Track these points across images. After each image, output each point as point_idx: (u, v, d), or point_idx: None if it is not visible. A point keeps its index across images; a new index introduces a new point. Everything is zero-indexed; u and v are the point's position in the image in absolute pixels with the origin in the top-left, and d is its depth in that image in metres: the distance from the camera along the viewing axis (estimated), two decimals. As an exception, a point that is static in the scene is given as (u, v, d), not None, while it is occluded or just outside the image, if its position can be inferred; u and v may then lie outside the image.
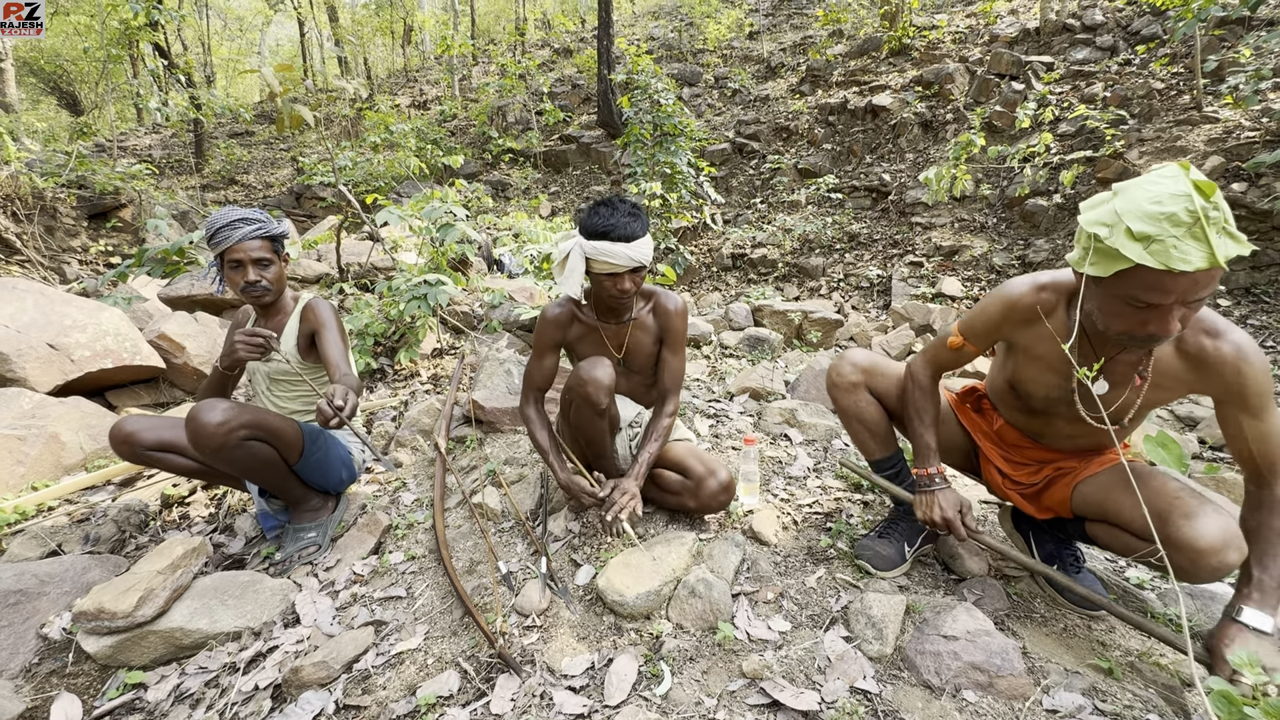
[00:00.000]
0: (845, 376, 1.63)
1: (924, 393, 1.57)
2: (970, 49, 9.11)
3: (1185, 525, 1.17)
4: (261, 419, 1.84)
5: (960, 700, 1.28)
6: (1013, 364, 1.46)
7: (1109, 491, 1.36)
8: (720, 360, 3.96)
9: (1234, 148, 5.45)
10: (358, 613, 1.75)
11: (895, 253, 7.13)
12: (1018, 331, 1.38)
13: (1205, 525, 1.16)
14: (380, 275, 4.49)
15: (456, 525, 2.12)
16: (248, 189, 12.58)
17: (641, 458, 1.84)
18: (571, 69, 14.93)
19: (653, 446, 1.86)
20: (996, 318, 1.39)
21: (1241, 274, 5.08)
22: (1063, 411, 1.42)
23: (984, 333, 1.43)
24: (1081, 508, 1.43)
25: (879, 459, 1.71)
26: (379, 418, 3.07)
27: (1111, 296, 1.11)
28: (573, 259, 1.73)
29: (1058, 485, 1.50)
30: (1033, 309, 1.33)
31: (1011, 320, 1.37)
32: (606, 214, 1.69)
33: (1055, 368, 1.35)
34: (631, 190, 6.92)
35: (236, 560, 2.12)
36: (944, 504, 1.48)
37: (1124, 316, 1.11)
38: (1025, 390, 1.45)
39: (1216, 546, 1.14)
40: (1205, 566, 1.15)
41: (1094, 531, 1.43)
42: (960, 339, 1.46)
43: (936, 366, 1.57)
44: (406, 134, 9.55)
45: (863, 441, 1.70)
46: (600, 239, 1.68)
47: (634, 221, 1.69)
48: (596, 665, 1.44)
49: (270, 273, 1.99)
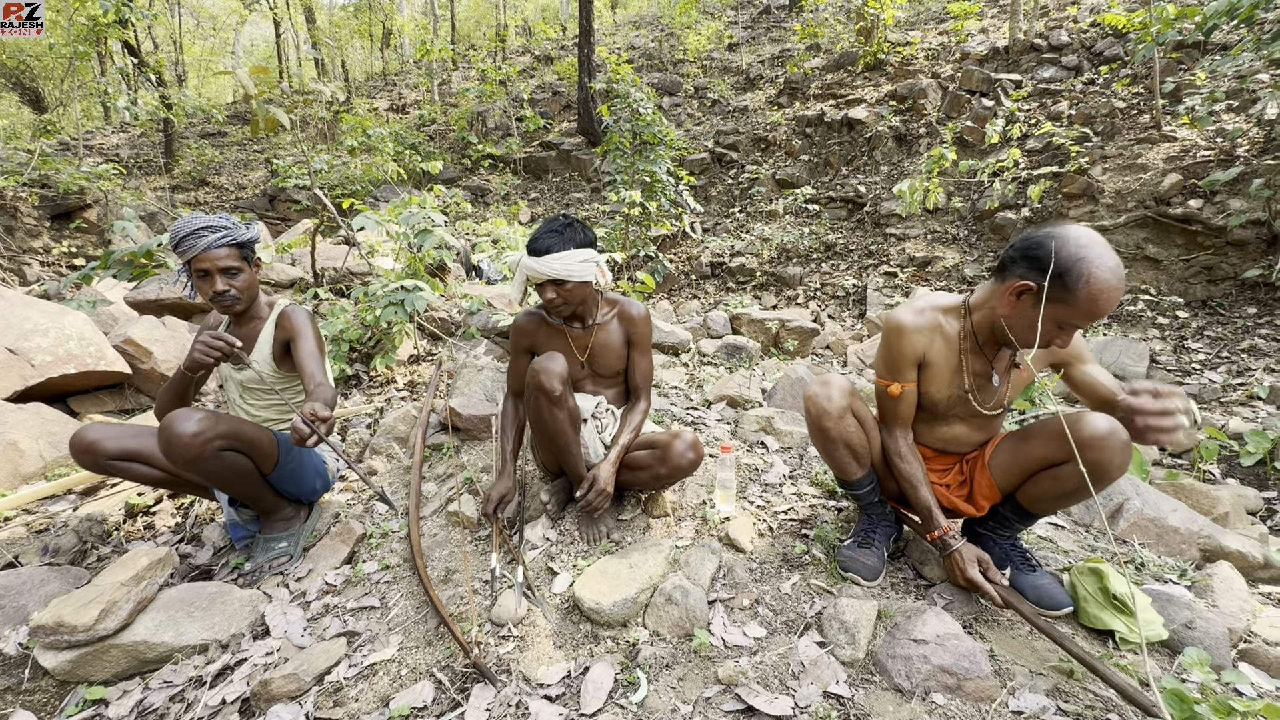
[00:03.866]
0: (836, 404, 1.62)
1: (908, 458, 1.64)
2: (942, 65, 9.35)
3: (1083, 425, 1.40)
4: (237, 429, 1.80)
5: (929, 703, 1.31)
6: (921, 380, 1.62)
7: (1016, 450, 1.59)
8: (698, 368, 3.99)
9: (1191, 166, 5.68)
10: (330, 623, 1.73)
11: (870, 263, 7.26)
12: (924, 349, 1.56)
13: (1097, 420, 1.40)
14: (356, 280, 4.44)
15: (432, 534, 2.11)
16: (219, 191, 12.32)
17: (619, 440, 1.92)
18: (552, 76, 14.96)
19: (626, 436, 1.94)
20: (907, 348, 1.56)
21: (1199, 287, 5.28)
22: (959, 411, 1.63)
23: (904, 364, 1.58)
24: (1004, 478, 1.62)
25: (858, 478, 1.72)
26: (354, 425, 3.03)
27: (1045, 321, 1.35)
28: (519, 269, 1.90)
29: (977, 474, 1.69)
30: (932, 325, 1.55)
31: (917, 344, 1.56)
32: (539, 231, 1.85)
33: (952, 370, 1.58)
34: (611, 198, 6.94)
35: (204, 571, 2.07)
36: (966, 562, 1.54)
37: (1046, 334, 1.36)
38: (931, 399, 1.62)
39: (1108, 429, 1.38)
40: (1113, 448, 1.37)
41: (1026, 496, 1.59)
42: (896, 384, 1.60)
43: (903, 424, 1.66)
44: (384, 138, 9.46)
45: (845, 464, 1.69)
46: (529, 254, 1.85)
47: (554, 237, 1.83)
48: (573, 674, 1.44)
49: (240, 281, 1.95)
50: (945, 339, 1.56)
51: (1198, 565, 1.94)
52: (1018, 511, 1.64)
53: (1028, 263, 1.35)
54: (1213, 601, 1.66)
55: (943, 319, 1.56)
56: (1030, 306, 1.36)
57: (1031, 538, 2.02)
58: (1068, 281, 1.27)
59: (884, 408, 1.66)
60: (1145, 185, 5.80)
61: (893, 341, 1.56)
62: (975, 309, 1.53)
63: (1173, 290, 5.36)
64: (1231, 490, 2.86)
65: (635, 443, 1.99)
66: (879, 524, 1.80)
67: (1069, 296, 1.28)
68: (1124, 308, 5.37)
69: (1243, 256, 5.13)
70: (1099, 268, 1.24)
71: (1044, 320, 1.34)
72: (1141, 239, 5.65)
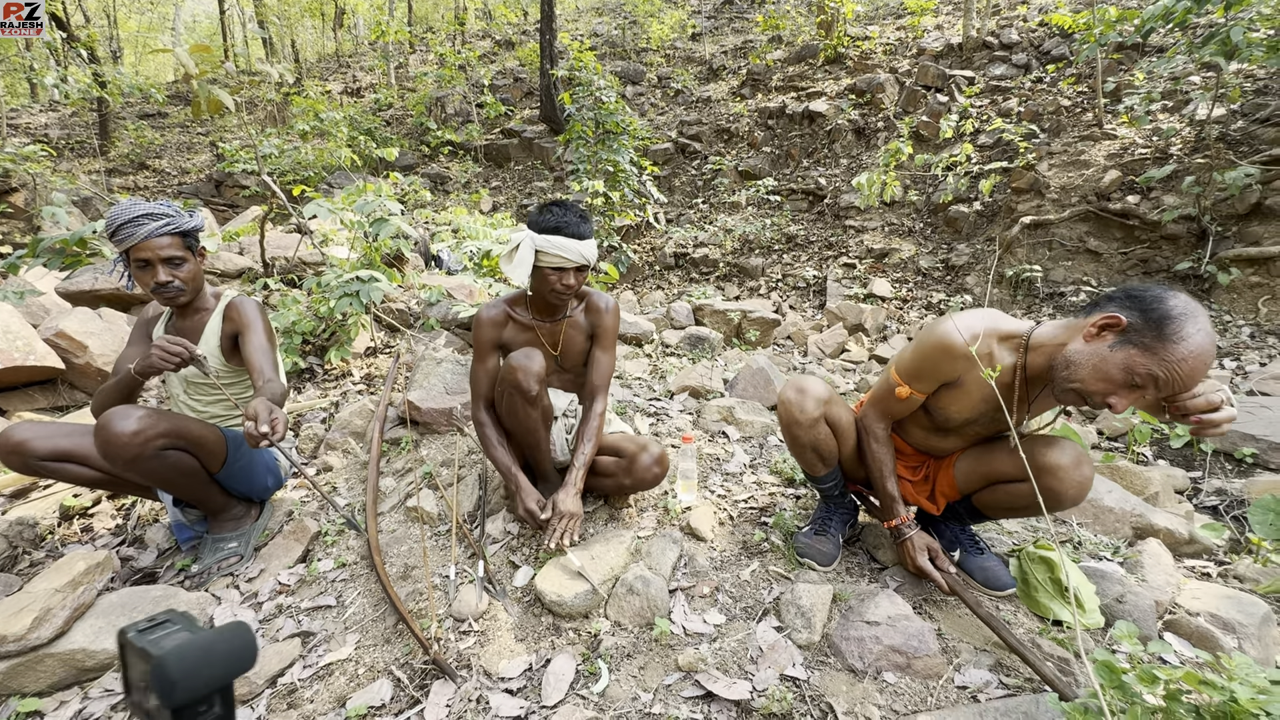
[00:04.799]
0: (809, 413, 1.62)
1: (883, 445, 1.65)
2: (900, 60, 9.54)
3: (1048, 452, 1.42)
4: (181, 427, 1.73)
5: (881, 682, 1.36)
6: (943, 394, 1.53)
7: (981, 459, 1.60)
8: (661, 359, 4.00)
9: (1129, 163, 5.95)
10: (283, 624, 1.68)
11: (830, 254, 7.40)
12: (959, 373, 1.46)
13: (1062, 449, 1.43)
14: (309, 270, 4.29)
15: (391, 530, 2.07)
16: (161, 175, 11.72)
17: (577, 461, 1.84)
18: (513, 62, 14.67)
19: (586, 448, 1.86)
20: (942, 364, 1.44)
21: (1135, 279, 5.56)
22: (966, 430, 1.59)
23: (930, 378, 1.49)
24: (965, 482, 1.65)
25: (823, 474, 1.76)
26: (308, 420, 2.94)
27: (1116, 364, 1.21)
28: (523, 250, 1.76)
29: (941, 474, 1.71)
30: (985, 355, 1.41)
31: (957, 367, 1.44)
32: (560, 212, 1.76)
33: (983, 398, 1.47)
34: (574, 187, 6.88)
35: (148, 574, 1.99)
36: (917, 551, 1.58)
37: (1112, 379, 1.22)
38: (945, 415, 1.55)
39: (1075, 461, 1.41)
40: (1070, 481, 1.39)
41: (981, 501, 1.63)
42: (907, 388, 1.52)
43: (890, 418, 1.65)
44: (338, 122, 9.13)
45: (811, 464, 1.72)
46: (554, 234, 1.74)
47: (584, 223, 1.78)
48: (534, 666, 1.45)
49: (184, 271, 1.85)
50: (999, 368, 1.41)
51: (1130, 542, 2.05)
52: (971, 511, 1.71)
53: (1129, 301, 1.22)
54: (1142, 576, 1.77)
55: (996, 348, 1.41)
56: (1108, 346, 1.22)
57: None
58: (1165, 331, 1.14)
59: (882, 397, 1.62)
60: (1088, 181, 6.05)
61: (931, 354, 1.44)
62: (1036, 347, 1.38)
63: (1112, 282, 5.62)
64: (1162, 471, 3.03)
65: (602, 447, 1.96)
66: (836, 512, 1.84)
67: (1158, 346, 1.15)
68: (1066, 298, 5.61)
69: (1175, 250, 5.41)
70: (1202, 333, 1.14)
71: (1115, 363, 1.20)
72: (1084, 232, 5.90)
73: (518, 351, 1.76)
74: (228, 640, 0.82)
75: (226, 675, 0.81)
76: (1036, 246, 6.07)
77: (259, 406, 1.53)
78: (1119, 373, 1.20)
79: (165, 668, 0.74)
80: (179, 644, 0.78)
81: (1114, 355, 1.21)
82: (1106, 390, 1.23)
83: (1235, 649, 1.50)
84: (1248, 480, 2.94)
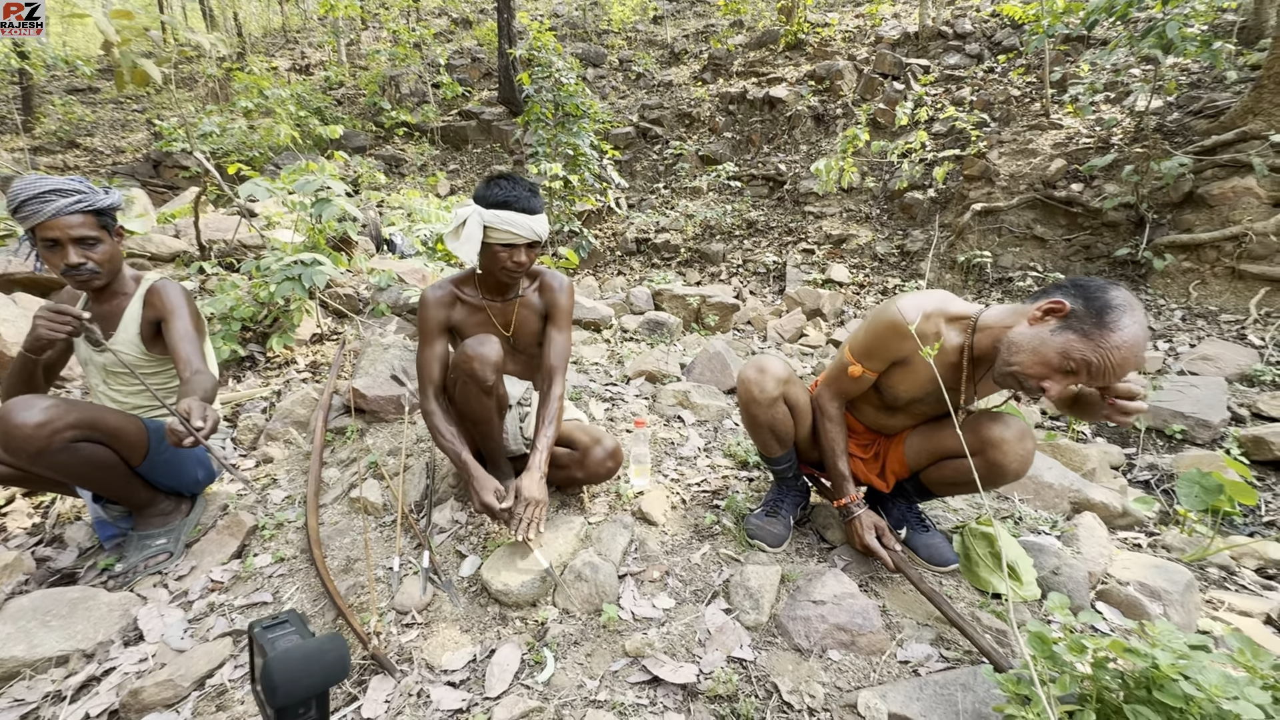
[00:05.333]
0: (768, 392, 1.61)
1: (836, 425, 1.66)
2: (858, 48, 9.62)
3: (993, 427, 1.47)
4: (94, 417, 1.61)
5: (826, 660, 1.37)
6: (894, 373, 1.56)
7: (929, 436, 1.64)
8: (620, 344, 3.97)
9: (1074, 152, 6.15)
10: (214, 623, 1.60)
11: (790, 240, 7.46)
12: (909, 352, 1.48)
13: (1007, 424, 1.47)
14: (250, 254, 4.09)
15: (334, 522, 1.99)
16: (93, 154, 11.01)
17: (540, 445, 1.75)
18: (471, 41, 14.26)
19: (549, 430, 1.78)
20: (892, 342, 1.46)
21: (1078, 265, 5.76)
22: (914, 408, 1.63)
23: (881, 356, 1.51)
24: (915, 459, 1.68)
25: (777, 456, 1.76)
26: (247, 410, 2.81)
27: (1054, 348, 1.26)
28: (470, 226, 1.68)
29: (891, 451, 1.74)
30: (933, 333, 1.43)
31: (906, 345, 1.46)
32: (508, 186, 1.69)
33: (929, 378, 1.50)
34: (532, 170, 6.74)
35: (67, 575, 1.87)
36: (865, 529, 1.59)
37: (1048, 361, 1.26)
38: (894, 393, 1.59)
39: (1018, 435, 1.46)
40: (1014, 454, 1.44)
41: (929, 478, 1.66)
42: (860, 367, 1.54)
43: (844, 397, 1.67)
44: (284, 100, 8.72)
45: (767, 444, 1.72)
46: (502, 209, 1.66)
47: (534, 197, 1.71)
48: (479, 657, 1.41)
49: (98, 253, 1.72)
50: (941, 349, 1.46)
51: (1068, 516, 2.13)
52: (919, 489, 1.73)
53: (1075, 290, 1.26)
54: (1078, 549, 1.83)
55: (945, 328, 1.44)
56: (1050, 330, 1.26)
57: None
58: (1105, 319, 1.19)
59: (836, 376, 1.64)
60: (1035, 169, 6.23)
61: (881, 332, 1.47)
62: (983, 329, 1.41)
63: (1056, 267, 5.82)
64: (1099, 448, 3.16)
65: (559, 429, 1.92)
66: (788, 494, 1.85)
67: (1096, 334, 1.20)
68: (1014, 283, 5.79)
69: (1115, 236, 5.63)
70: (1137, 325, 1.19)
71: (1053, 347, 1.24)
72: (1031, 219, 6.08)
73: (472, 338, 1.68)
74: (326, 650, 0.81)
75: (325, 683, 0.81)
76: (987, 233, 6.23)
77: (191, 404, 1.42)
78: (1056, 357, 1.24)
79: (271, 672, 0.76)
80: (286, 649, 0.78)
81: (1054, 339, 1.25)
82: (1042, 374, 1.27)
83: (1160, 615, 1.56)
84: (1177, 455, 3.09)
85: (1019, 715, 0.98)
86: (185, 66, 13.70)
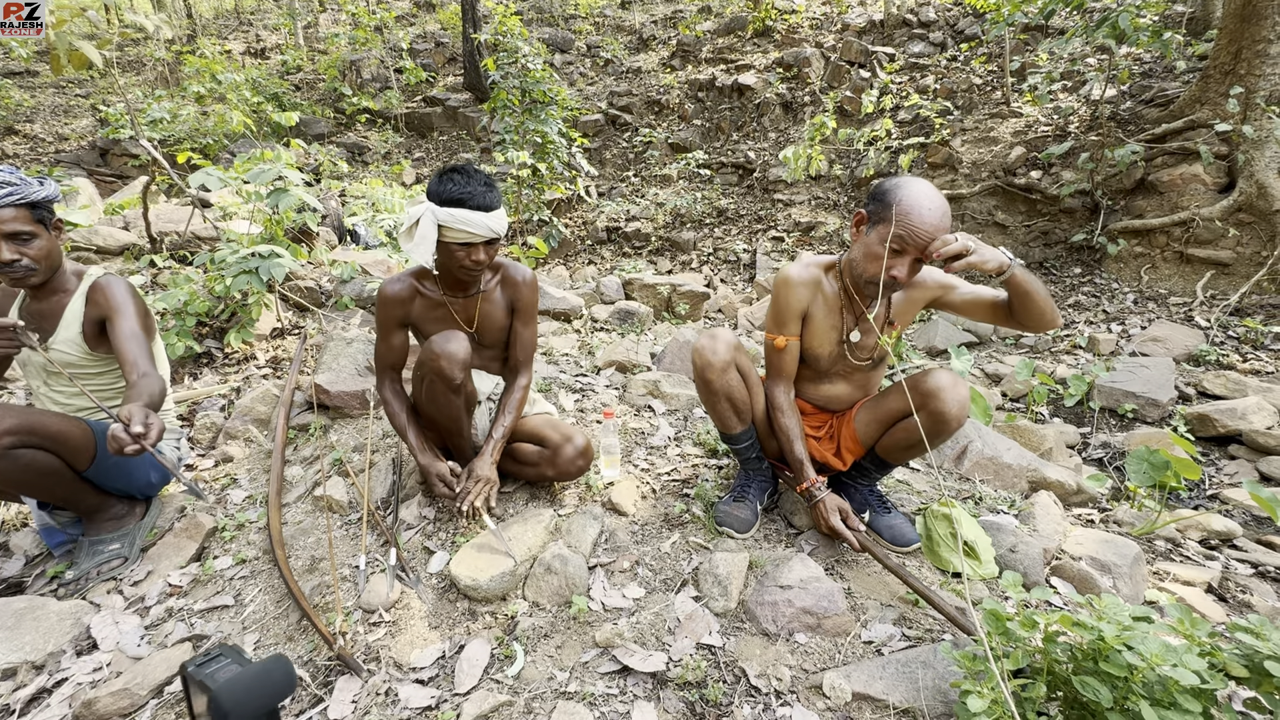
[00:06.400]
0: (720, 356, 1.65)
1: (787, 412, 1.72)
2: (825, 35, 9.66)
3: (927, 379, 1.57)
4: (34, 421, 1.54)
5: (793, 643, 1.40)
6: (804, 335, 1.71)
7: (877, 404, 1.74)
8: (590, 334, 3.95)
9: (1033, 140, 6.29)
10: (173, 629, 1.56)
11: (760, 228, 7.50)
12: (806, 301, 1.67)
13: (940, 375, 1.57)
14: (204, 246, 3.95)
15: (297, 521, 1.95)
16: (33, 141, 10.46)
17: (495, 433, 1.78)
18: (434, 25, 13.90)
19: (506, 419, 1.82)
20: (793, 301, 1.66)
21: (1037, 250, 5.92)
22: (839, 367, 1.76)
23: (791, 319, 1.68)
24: (865, 432, 1.76)
25: (738, 433, 1.77)
26: (204, 408, 2.72)
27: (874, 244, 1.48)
28: (424, 226, 1.63)
29: (844, 428, 1.82)
30: (815, 280, 1.66)
31: (801, 297, 1.66)
32: (462, 181, 1.62)
33: (830, 326, 1.69)
34: (499, 159, 6.63)
35: (14, 584, 1.79)
36: (829, 512, 1.62)
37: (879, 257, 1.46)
38: (813, 354, 1.73)
39: (951, 382, 1.55)
40: (952, 399, 1.52)
41: (884, 445, 1.71)
42: (783, 338, 1.69)
43: (785, 378, 1.74)
44: (238, 85, 8.39)
45: (726, 418, 1.74)
46: (456, 206, 1.61)
47: (490, 192, 1.65)
48: (448, 654, 1.40)
49: (33, 249, 1.63)
50: (824, 295, 1.67)
51: (1025, 495, 2.20)
52: (876, 462, 1.77)
53: (868, 200, 1.52)
54: (1034, 527, 1.89)
55: (823, 276, 1.67)
56: (864, 234, 1.52)
57: (890, 480, 2.19)
58: (886, 200, 1.44)
59: (770, 361, 1.75)
60: (996, 157, 6.37)
61: (780, 294, 1.67)
62: (845, 265, 1.64)
63: (1016, 253, 5.97)
64: (1055, 428, 3.27)
65: (524, 433, 1.91)
66: (755, 479, 1.87)
67: (886, 213, 1.43)
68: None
69: (1071, 223, 5.80)
70: (910, 190, 1.42)
71: (873, 243, 1.47)
72: (992, 206, 6.22)
73: (438, 335, 1.64)
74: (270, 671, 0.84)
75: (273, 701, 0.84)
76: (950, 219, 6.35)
77: (133, 410, 1.35)
78: (879, 246, 1.46)
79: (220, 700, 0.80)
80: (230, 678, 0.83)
81: (870, 238, 1.50)
82: (880, 267, 1.46)
83: (1110, 588, 1.63)
84: (1128, 434, 3.21)
85: (975, 689, 1.02)
86: (131, 49, 13.08)
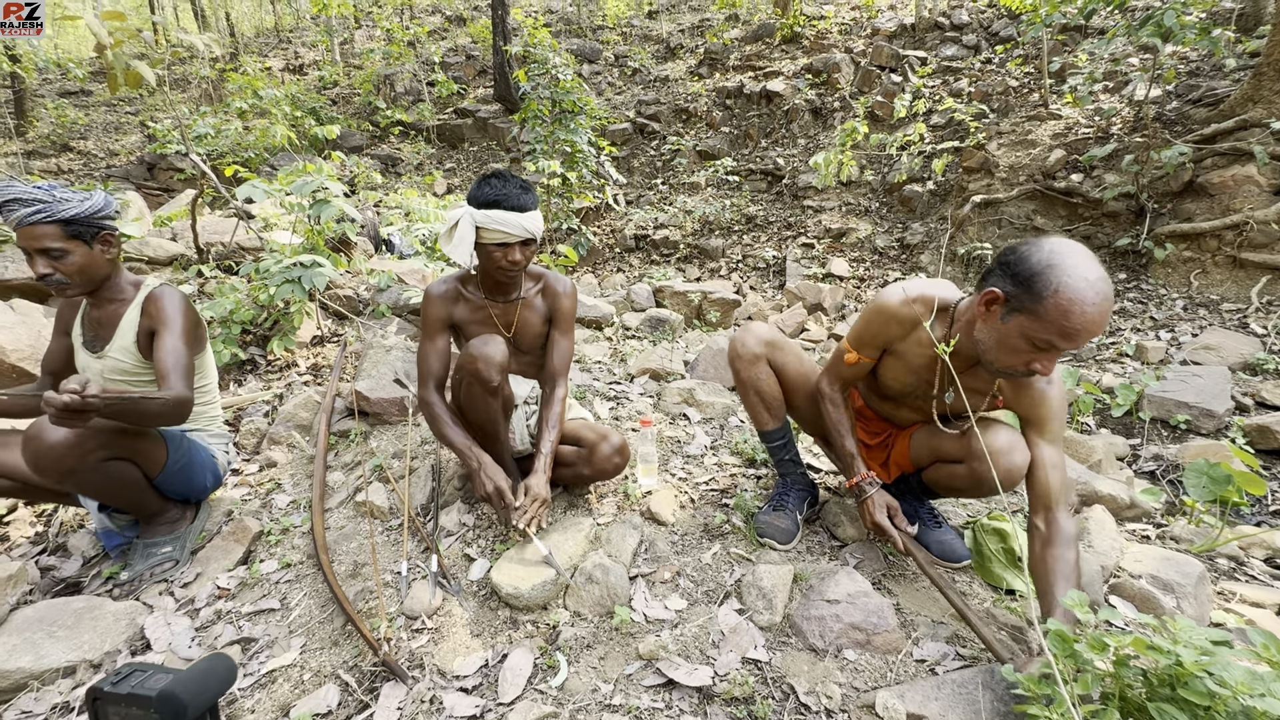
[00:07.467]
0: (749, 348, 1.68)
1: (838, 406, 1.67)
2: (855, 40, 9.58)
3: (987, 434, 1.41)
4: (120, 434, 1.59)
5: (842, 659, 1.36)
6: (881, 360, 1.60)
7: (932, 434, 1.60)
8: (622, 342, 3.95)
9: (1073, 142, 6.12)
10: (222, 631, 1.59)
11: (789, 234, 7.44)
12: (895, 337, 1.50)
13: (998, 433, 1.41)
14: (248, 256, 4.06)
15: (339, 526, 1.98)
16: (87, 157, 10.95)
17: (544, 449, 1.76)
18: (465, 38, 14.19)
19: (552, 434, 1.80)
20: (881, 330, 1.50)
21: (1078, 255, 5.75)
22: (910, 403, 1.63)
23: (872, 344, 1.54)
24: (916, 455, 1.68)
25: (771, 429, 1.78)
26: (249, 414, 2.79)
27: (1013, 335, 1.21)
28: (462, 227, 1.68)
29: (899, 443, 1.75)
30: (911, 320, 1.44)
31: (892, 330, 1.49)
32: (499, 185, 1.68)
33: (914, 370, 1.52)
34: (530, 168, 6.71)
35: (72, 584, 1.85)
36: (877, 508, 1.55)
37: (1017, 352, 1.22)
38: (885, 382, 1.62)
39: (1007, 447, 1.38)
40: (1001, 466, 1.36)
41: (929, 477, 1.65)
42: (855, 354, 1.57)
43: (843, 381, 1.68)
44: (279, 100, 8.67)
45: (758, 412, 1.76)
46: (492, 208, 1.67)
47: (525, 194, 1.70)
48: (490, 663, 1.40)
49: (66, 263, 1.65)
50: (922, 343, 1.45)
51: (1077, 509, 2.12)
52: (921, 487, 1.73)
53: (1002, 270, 1.21)
54: (1089, 543, 1.82)
55: (935, 319, 1.44)
56: (1000, 320, 1.23)
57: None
58: (1035, 288, 1.14)
59: (834, 361, 1.67)
60: (1034, 160, 6.21)
61: (871, 316, 1.50)
62: (960, 316, 1.38)
63: (1057, 258, 5.81)
64: (1104, 439, 3.15)
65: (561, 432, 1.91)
66: (792, 488, 1.84)
67: (1036, 307, 1.14)
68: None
69: (1115, 227, 5.61)
70: (1071, 275, 1.11)
71: (1012, 335, 1.20)
72: (1031, 210, 6.06)
73: (477, 339, 1.67)
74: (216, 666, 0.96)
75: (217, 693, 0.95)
76: (987, 225, 6.21)
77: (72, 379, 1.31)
78: (1022, 342, 1.20)
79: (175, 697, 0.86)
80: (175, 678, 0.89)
81: (1008, 328, 1.21)
82: (1021, 361, 1.23)
83: (1174, 608, 1.55)
84: (1182, 445, 3.08)
85: (1042, 715, 0.97)
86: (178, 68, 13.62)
